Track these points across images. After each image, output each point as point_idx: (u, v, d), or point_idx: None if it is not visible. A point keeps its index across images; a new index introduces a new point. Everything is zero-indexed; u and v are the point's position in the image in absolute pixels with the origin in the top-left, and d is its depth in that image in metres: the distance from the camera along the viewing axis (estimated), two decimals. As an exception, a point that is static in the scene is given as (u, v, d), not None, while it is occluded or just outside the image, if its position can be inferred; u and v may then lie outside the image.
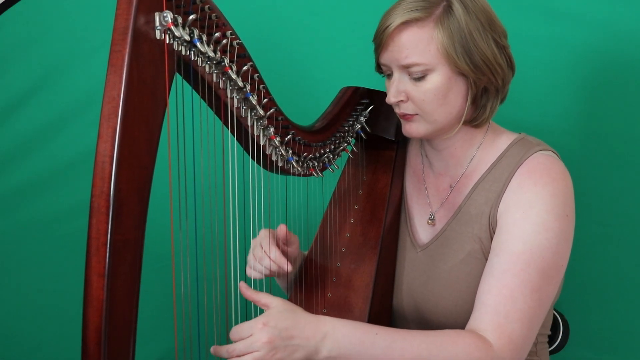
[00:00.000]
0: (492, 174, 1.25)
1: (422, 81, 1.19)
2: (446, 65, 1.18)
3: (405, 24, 1.17)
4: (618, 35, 1.60)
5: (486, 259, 1.20)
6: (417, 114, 1.23)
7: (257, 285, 1.25)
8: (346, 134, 1.34)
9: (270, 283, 1.26)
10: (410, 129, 1.25)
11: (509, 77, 1.24)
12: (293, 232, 1.30)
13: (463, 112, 1.22)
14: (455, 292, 1.23)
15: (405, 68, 1.19)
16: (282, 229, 1.26)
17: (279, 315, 1.06)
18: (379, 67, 1.28)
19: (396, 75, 1.22)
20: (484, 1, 1.21)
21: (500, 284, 1.13)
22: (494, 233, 1.20)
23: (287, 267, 1.23)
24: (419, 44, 1.17)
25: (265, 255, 1.24)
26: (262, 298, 1.10)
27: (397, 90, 1.22)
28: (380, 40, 1.21)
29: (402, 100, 1.22)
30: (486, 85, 1.21)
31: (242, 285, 1.10)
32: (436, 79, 1.18)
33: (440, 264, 1.27)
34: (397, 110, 1.26)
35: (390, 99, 1.23)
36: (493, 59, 1.18)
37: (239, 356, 1.04)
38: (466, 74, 1.18)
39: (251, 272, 1.28)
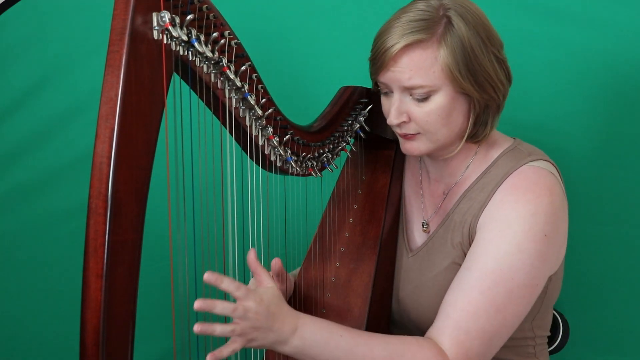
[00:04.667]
0: (479, 183, 1.23)
1: (426, 102, 1.16)
2: (450, 85, 1.15)
3: (408, 46, 1.14)
4: (619, 36, 1.59)
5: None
6: (419, 133, 1.21)
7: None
8: (345, 133, 1.33)
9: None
10: (411, 147, 1.23)
11: (507, 90, 1.22)
12: (292, 232, 1.30)
13: (465, 130, 1.21)
14: (440, 300, 1.20)
15: (408, 89, 1.17)
16: (276, 263, 1.24)
17: (272, 298, 1.06)
18: (376, 85, 1.25)
19: (397, 95, 1.19)
20: (479, 11, 1.18)
21: (467, 300, 1.13)
22: (471, 244, 1.20)
23: None
24: (422, 66, 1.14)
25: None
26: (263, 275, 1.09)
27: (398, 112, 1.19)
28: (382, 62, 1.16)
29: (404, 122, 1.20)
30: (488, 103, 1.19)
31: (251, 253, 1.09)
32: (440, 100, 1.16)
33: (427, 272, 1.26)
34: (397, 130, 1.23)
35: (392, 120, 1.20)
36: (495, 76, 1.16)
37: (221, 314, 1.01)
38: (469, 93, 1.16)
39: None
